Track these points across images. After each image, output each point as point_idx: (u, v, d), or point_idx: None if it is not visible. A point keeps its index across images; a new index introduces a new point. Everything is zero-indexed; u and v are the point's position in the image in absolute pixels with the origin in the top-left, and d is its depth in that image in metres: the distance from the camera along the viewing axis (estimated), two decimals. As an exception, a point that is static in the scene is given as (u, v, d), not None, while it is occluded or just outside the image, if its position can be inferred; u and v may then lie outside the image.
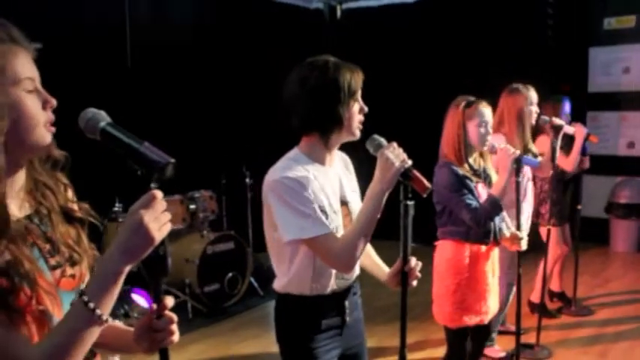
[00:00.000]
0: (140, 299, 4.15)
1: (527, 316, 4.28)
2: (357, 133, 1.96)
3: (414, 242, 1.83)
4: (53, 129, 1.17)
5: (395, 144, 1.83)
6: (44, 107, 1.15)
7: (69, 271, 1.21)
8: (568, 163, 4.33)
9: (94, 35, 4.95)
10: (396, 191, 1.82)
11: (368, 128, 2.01)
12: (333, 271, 1.95)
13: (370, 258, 2.15)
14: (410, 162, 1.79)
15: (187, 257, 4.72)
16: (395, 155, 1.78)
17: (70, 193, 1.30)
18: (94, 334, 1.10)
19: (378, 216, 1.82)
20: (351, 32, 7.33)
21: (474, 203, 2.79)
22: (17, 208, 1.17)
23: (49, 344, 1.09)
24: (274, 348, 2.06)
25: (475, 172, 2.92)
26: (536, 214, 4.38)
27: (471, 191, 2.82)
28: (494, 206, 2.79)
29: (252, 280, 5.17)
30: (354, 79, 1.90)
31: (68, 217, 1.26)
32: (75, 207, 1.29)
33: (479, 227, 2.82)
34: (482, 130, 2.86)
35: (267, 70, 6.24)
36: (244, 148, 5.65)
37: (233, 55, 6.13)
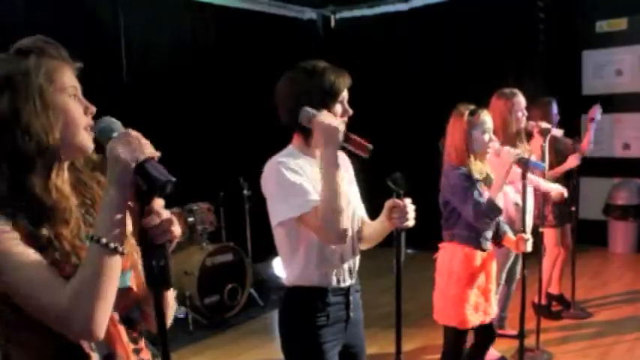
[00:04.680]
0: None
1: (528, 318, 4.27)
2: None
3: (413, 248, 1.83)
4: (93, 133, 1.29)
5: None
6: (85, 112, 1.30)
7: None
8: (583, 145, 4.62)
9: (88, 50, 4.97)
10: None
11: (364, 135, 2.03)
12: (337, 255, 1.99)
13: (369, 226, 2.14)
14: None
15: (187, 270, 4.73)
16: (329, 118, 1.82)
17: None
18: (111, 266, 1.20)
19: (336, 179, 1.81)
20: (345, 42, 7.36)
21: (480, 199, 2.83)
22: None
23: (74, 284, 1.19)
24: (276, 357, 2.07)
25: (481, 177, 2.98)
26: (540, 216, 4.41)
27: (478, 190, 2.87)
28: (491, 207, 2.83)
29: (252, 290, 5.15)
30: (338, 82, 1.95)
31: None
32: None
33: (476, 222, 2.86)
34: (487, 137, 2.93)
35: (262, 82, 6.24)
36: (241, 160, 5.66)
37: (227, 67, 6.15)
